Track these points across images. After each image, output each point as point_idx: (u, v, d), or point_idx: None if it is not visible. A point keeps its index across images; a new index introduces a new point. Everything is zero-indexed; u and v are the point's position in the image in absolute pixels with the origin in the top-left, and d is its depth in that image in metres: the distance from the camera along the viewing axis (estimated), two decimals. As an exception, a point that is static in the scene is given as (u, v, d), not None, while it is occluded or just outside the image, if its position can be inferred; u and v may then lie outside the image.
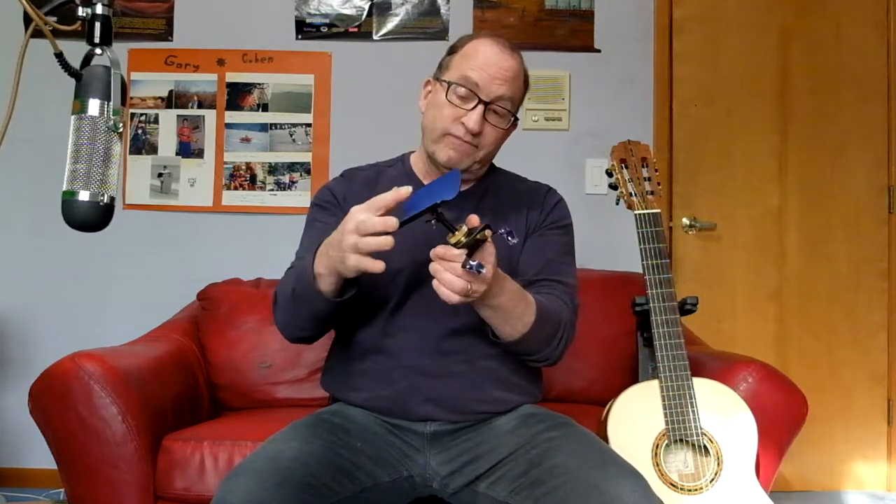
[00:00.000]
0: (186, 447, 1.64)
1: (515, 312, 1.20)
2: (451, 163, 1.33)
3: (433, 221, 1.07)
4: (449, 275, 1.06)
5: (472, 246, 1.05)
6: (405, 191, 1.07)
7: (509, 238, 1.08)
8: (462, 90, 1.30)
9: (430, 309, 1.25)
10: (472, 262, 1.04)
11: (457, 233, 1.05)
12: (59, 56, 0.86)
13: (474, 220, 1.06)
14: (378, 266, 1.06)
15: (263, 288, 2.27)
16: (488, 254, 1.08)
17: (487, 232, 1.05)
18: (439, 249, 1.07)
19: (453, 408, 1.29)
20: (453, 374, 1.30)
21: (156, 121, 2.66)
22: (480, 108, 1.30)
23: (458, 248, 1.04)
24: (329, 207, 1.41)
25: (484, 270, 1.04)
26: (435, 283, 1.07)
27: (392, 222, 1.04)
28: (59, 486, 2.34)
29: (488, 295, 1.14)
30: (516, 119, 1.37)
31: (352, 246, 1.06)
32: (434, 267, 1.07)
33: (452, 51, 1.38)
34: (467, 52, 1.34)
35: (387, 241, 1.05)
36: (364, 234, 1.05)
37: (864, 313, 2.70)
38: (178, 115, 2.66)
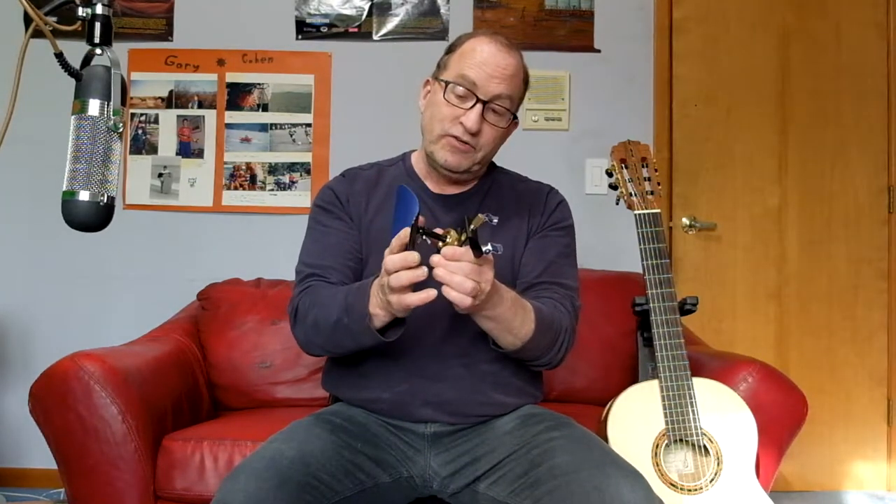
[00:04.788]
0: (186, 447, 1.64)
1: (515, 323, 1.20)
2: (448, 165, 1.33)
3: (424, 238, 1.07)
4: (459, 276, 1.05)
5: (473, 239, 1.03)
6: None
7: (490, 219, 1.06)
8: (460, 89, 1.29)
9: (432, 312, 1.23)
10: (487, 248, 1.04)
11: (448, 238, 1.04)
12: (59, 56, 0.86)
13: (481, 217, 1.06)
14: (421, 297, 1.06)
15: (263, 288, 2.27)
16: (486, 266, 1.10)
17: (480, 216, 1.02)
18: (447, 251, 1.06)
19: (453, 411, 1.29)
20: (453, 378, 1.30)
21: (156, 121, 2.65)
22: (479, 107, 1.29)
23: (462, 246, 1.04)
24: (332, 209, 1.40)
25: (498, 250, 1.06)
26: (445, 289, 1.06)
27: (412, 257, 1.05)
28: (59, 486, 2.33)
29: (486, 305, 1.14)
30: (515, 118, 1.36)
31: (389, 288, 1.08)
32: (439, 273, 1.06)
33: (451, 49, 1.37)
34: (465, 51, 1.32)
35: (416, 274, 1.05)
36: (391, 273, 1.06)
37: (863, 313, 2.69)
38: (178, 115, 2.66)
